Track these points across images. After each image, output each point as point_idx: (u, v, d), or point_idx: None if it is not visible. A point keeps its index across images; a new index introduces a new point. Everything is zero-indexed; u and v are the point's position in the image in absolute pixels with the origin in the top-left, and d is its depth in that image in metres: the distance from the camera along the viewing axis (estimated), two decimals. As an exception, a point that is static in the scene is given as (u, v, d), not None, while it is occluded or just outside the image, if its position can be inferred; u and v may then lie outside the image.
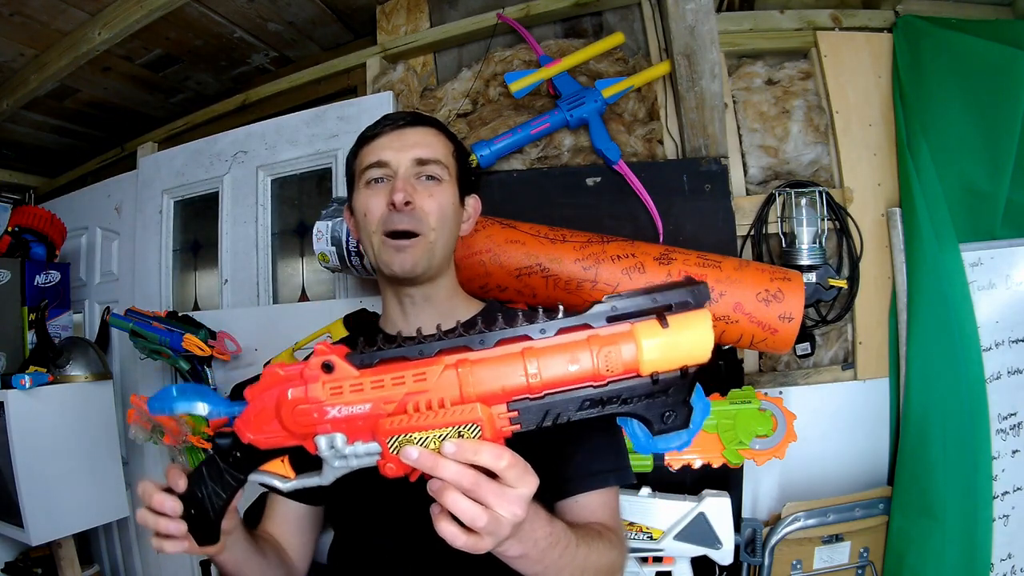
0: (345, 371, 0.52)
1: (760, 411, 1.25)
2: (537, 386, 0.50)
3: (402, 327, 0.89)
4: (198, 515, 0.59)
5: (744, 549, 1.35)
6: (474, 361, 0.51)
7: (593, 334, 0.51)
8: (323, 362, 0.52)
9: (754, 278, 1.23)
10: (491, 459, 0.51)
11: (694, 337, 0.49)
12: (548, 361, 0.50)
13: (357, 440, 0.52)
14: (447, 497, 0.51)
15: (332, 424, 0.52)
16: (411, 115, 0.88)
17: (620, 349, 0.49)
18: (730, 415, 1.25)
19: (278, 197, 1.93)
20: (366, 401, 0.51)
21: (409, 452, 0.51)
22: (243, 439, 0.55)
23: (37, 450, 1.69)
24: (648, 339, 0.49)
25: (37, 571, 1.89)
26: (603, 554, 0.71)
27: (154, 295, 2.05)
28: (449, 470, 0.51)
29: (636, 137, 1.57)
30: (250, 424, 0.55)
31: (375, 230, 0.83)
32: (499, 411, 0.51)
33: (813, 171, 1.58)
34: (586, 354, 0.50)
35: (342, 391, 0.52)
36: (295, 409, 0.52)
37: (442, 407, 0.51)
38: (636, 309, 0.51)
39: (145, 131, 2.36)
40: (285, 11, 1.83)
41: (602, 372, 0.50)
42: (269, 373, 0.54)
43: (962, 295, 1.39)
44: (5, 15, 1.69)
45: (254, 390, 0.54)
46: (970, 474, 1.33)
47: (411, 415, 0.51)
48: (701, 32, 1.38)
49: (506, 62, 1.65)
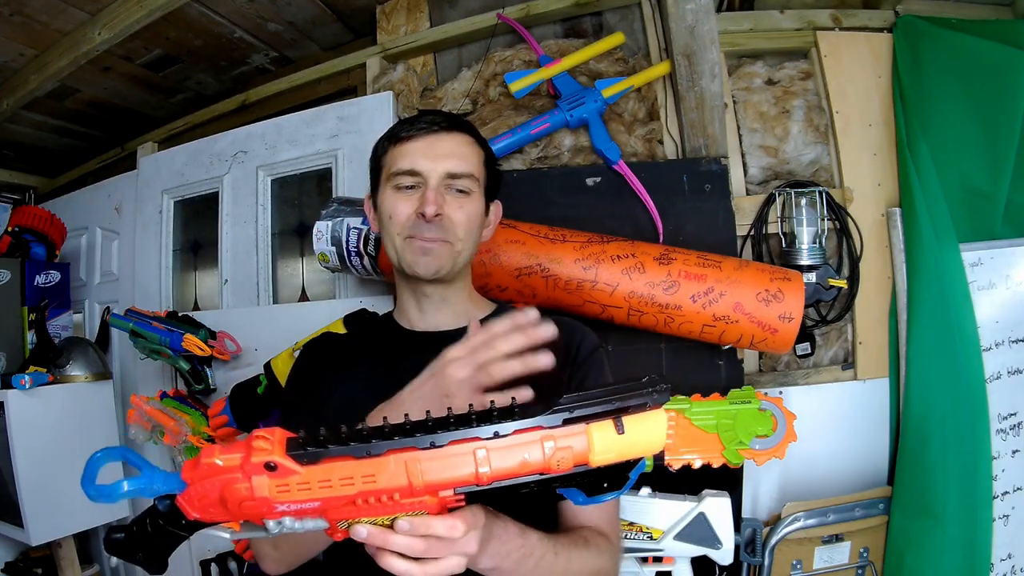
0: (289, 470, 0.50)
1: (760, 411, 1.25)
2: (486, 478, 0.51)
3: (418, 323, 0.90)
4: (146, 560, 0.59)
5: (744, 549, 1.35)
6: (424, 458, 0.51)
7: (547, 435, 0.51)
8: (265, 463, 0.50)
9: (754, 278, 1.23)
10: (446, 531, 0.53)
11: (647, 437, 0.50)
12: (499, 459, 0.51)
13: (306, 517, 0.53)
14: (384, 561, 0.53)
15: (281, 514, 0.52)
16: (447, 118, 0.86)
17: (572, 448, 0.50)
18: (730, 415, 1.25)
19: (278, 197, 1.93)
20: (315, 500, 0.51)
21: (359, 531, 0.52)
22: (188, 516, 0.54)
23: (37, 450, 1.69)
24: (601, 443, 0.50)
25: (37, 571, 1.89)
26: (588, 561, 0.72)
27: (154, 295, 2.05)
28: (399, 543, 0.52)
29: (636, 137, 1.57)
30: (194, 505, 0.53)
31: (400, 232, 0.84)
32: (445, 495, 0.52)
33: (813, 171, 1.58)
34: (537, 453, 0.51)
35: (289, 489, 0.51)
36: (242, 504, 0.51)
37: (391, 500, 0.51)
38: (593, 412, 0.51)
39: (145, 131, 2.36)
40: (285, 11, 1.83)
41: (552, 467, 0.51)
42: (206, 464, 0.51)
43: (962, 295, 1.39)
44: (5, 15, 1.69)
45: (193, 475, 0.52)
46: (970, 474, 1.33)
47: (360, 507, 0.51)
48: (701, 32, 1.38)
49: (506, 62, 1.65)
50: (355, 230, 1.39)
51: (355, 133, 1.74)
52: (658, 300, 1.23)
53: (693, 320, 1.24)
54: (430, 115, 0.87)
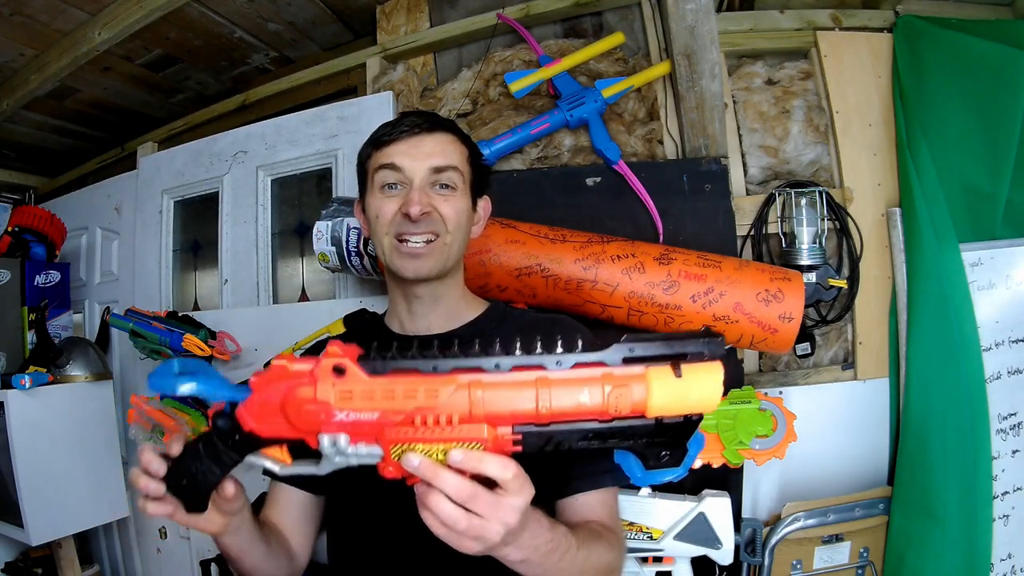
0: (356, 377, 0.51)
1: (760, 411, 1.25)
2: (545, 415, 0.51)
3: (408, 326, 0.90)
4: (189, 486, 0.59)
5: (744, 549, 1.35)
6: (487, 384, 0.51)
7: (607, 372, 0.51)
8: (335, 365, 0.51)
9: (754, 278, 1.23)
10: (498, 470, 0.52)
11: (704, 389, 0.50)
12: (560, 392, 0.50)
13: (360, 441, 0.52)
14: (431, 501, 0.52)
15: (338, 426, 0.52)
16: (428, 120, 0.87)
17: (631, 391, 0.50)
18: (730, 415, 1.25)
19: (278, 197, 1.93)
20: (375, 410, 0.51)
21: (411, 459, 0.51)
22: (244, 427, 0.55)
23: (37, 450, 1.69)
24: (660, 386, 0.50)
25: (37, 571, 1.89)
26: (602, 555, 0.72)
27: (154, 295, 2.05)
28: (449, 482, 0.51)
29: (636, 137, 1.57)
30: (253, 413, 0.54)
31: (387, 232, 0.84)
32: (503, 432, 0.52)
33: (813, 171, 1.58)
34: (598, 390, 0.50)
35: (352, 397, 0.51)
36: (302, 408, 0.52)
37: (450, 424, 0.51)
38: (652, 354, 0.51)
39: (145, 131, 2.36)
40: (285, 11, 1.83)
41: (610, 410, 0.50)
42: (278, 368, 0.54)
43: (962, 295, 1.39)
44: (5, 15, 1.69)
45: (261, 380, 0.54)
46: (970, 474, 1.33)
47: (418, 428, 0.51)
48: (701, 32, 1.38)
49: (506, 62, 1.65)
50: (355, 230, 1.39)
51: (355, 133, 1.74)
52: (658, 300, 1.23)
53: (693, 320, 1.24)
54: (411, 116, 0.87)
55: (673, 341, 0.51)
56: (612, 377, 0.50)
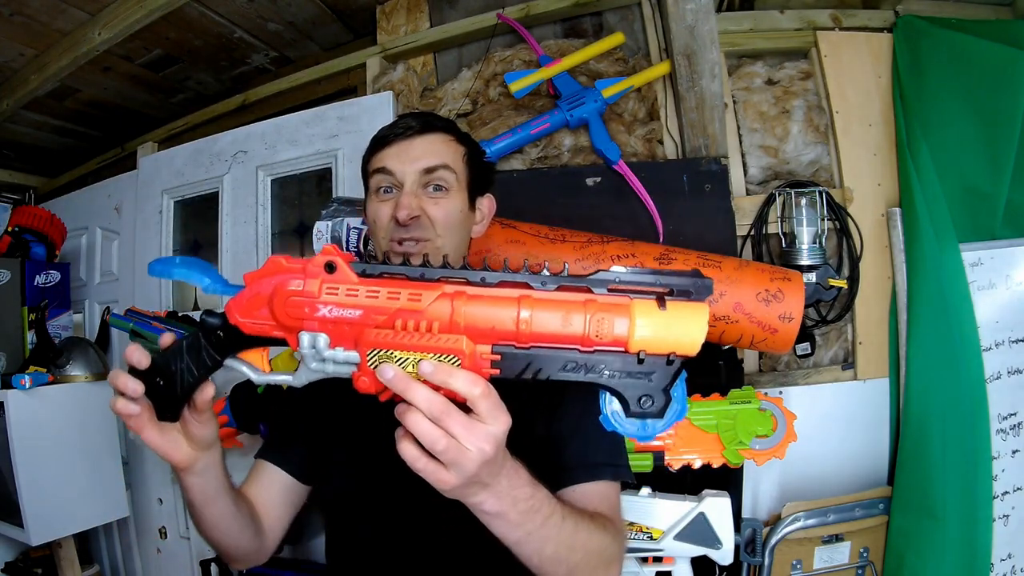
0: (346, 275, 0.53)
1: (760, 411, 1.25)
2: (525, 335, 0.50)
3: None
4: (165, 388, 0.58)
5: (744, 549, 1.35)
6: (470, 296, 0.51)
7: (591, 298, 0.51)
8: (327, 262, 0.53)
9: (754, 278, 1.23)
10: (465, 384, 0.50)
11: (687, 326, 0.49)
12: (542, 313, 0.50)
13: (339, 346, 0.53)
14: (409, 418, 0.51)
15: (320, 323, 0.53)
16: (422, 121, 0.87)
17: (614, 320, 0.49)
18: (730, 415, 1.25)
19: (278, 197, 1.93)
20: (358, 307, 0.52)
21: (385, 370, 0.51)
22: (231, 320, 0.55)
23: (37, 450, 1.69)
24: (643, 317, 0.49)
25: (37, 571, 1.89)
26: (594, 536, 0.68)
27: (154, 295, 2.05)
28: (420, 394, 0.50)
29: (636, 137, 1.57)
30: (241, 306, 0.55)
31: (384, 236, 0.85)
32: (482, 350, 0.51)
33: (813, 171, 1.58)
34: (580, 316, 0.50)
35: (337, 292, 0.52)
36: (288, 299, 0.53)
37: (429, 331, 0.51)
38: (638, 285, 0.51)
39: (145, 131, 2.36)
40: (285, 11, 1.83)
41: (591, 338, 0.50)
42: (272, 261, 0.54)
43: (962, 295, 1.39)
44: (5, 15, 1.69)
45: (254, 275, 0.55)
46: (970, 474, 1.33)
47: (397, 331, 0.51)
48: (701, 32, 1.38)
49: (506, 62, 1.65)
50: (355, 230, 1.39)
51: (355, 133, 1.74)
52: (658, 300, 1.23)
53: (693, 320, 1.24)
54: (406, 119, 0.88)
55: (661, 275, 0.51)
56: (596, 303, 0.50)
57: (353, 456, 0.83)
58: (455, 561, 0.78)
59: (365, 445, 0.79)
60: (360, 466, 0.82)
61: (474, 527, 0.59)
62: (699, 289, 0.50)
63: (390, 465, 0.58)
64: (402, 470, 0.54)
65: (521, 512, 0.59)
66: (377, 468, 0.78)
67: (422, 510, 0.76)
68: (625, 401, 0.51)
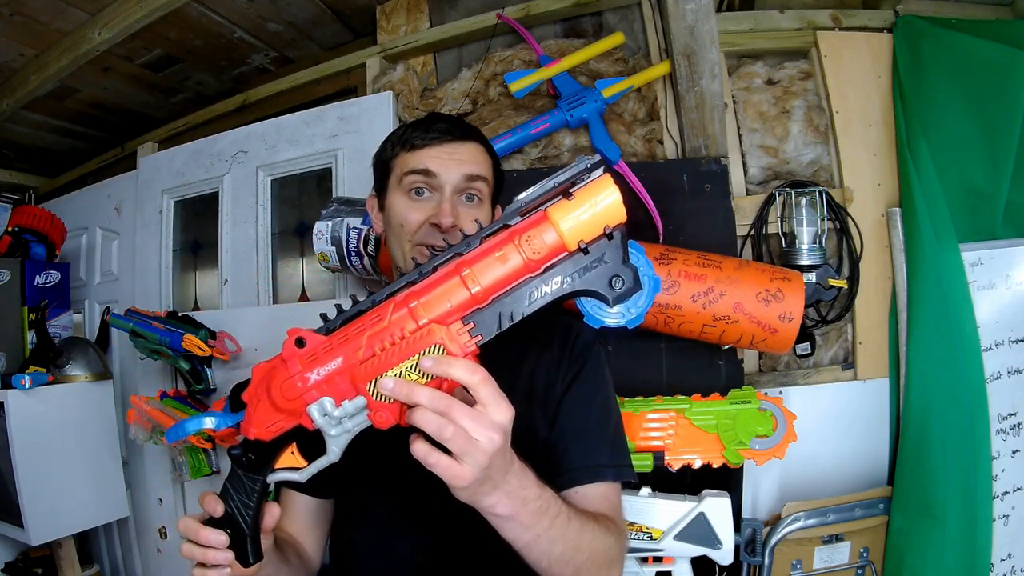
0: (315, 339, 0.57)
1: (760, 411, 1.25)
2: (481, 294, 0.54)
3: None
4: (235, 534, 0.60)
5: (744, 549, 1.35)
6: (419, 291, 0.55)
7: (512, 230, 0.55)
8: (296, 339, 0.57)
9: (754, 278, 1.23)
10: (465, 372, 0.53)
11: (600, 198, 0.53)
12: (482, 267, 0.54)
13: (344, 400, 0.56)
14: (416, 415, 0.53)
15: (316, 389, 0.56)
16: (462, 127, 0.86)
17: (540, 234, 0.53)
18: (730, 415, 1.25)
19: (278, 197, 1.93)
20: (336, 355, 0.56)
21: (385, 384, 0.54)
22: (250, 436, 0.59)
23: (37, 450, 1.69)
24: (560, 214, 0.53)
25: (37, 571, 1.90)
26: (598, 536, 0.68)
27: (154, 295, 2.05)
28: (423, 394, 0.53)
29: (636, 137, 1.57)
30: (252, 421, 0.59)
31: (410, 239, 0.83)
32: (456, 328, 0.54)
33: (813, 171, 1.58)
34: (512, 249, 0.53)
35: (316, 356, 0.56)
36: (282, 385, 0.56)
37: (403, 338, 0.54)
38: (542, 195, 0.55)
39: (145, 131, 2.36)
40: (285, 11, 1.83)
41: (532, 258, 0.53)
42: (255, 371, 0.60)
43: (962, 295, 1.39)
44: (5, 15, 1.69)
45: (248, 392, 0.59)
46: (970, 474, 1.33)
47: (378, 355, 0.54)
48: (701, 32, 1.38)
49: (506, 62, 1.65)
50: (355, 230, 1.39)
51: (355, 133, 1.74)
52: (658, 300, 1.23)
53: (693, 320, 1.24)
54: (443, 122, 0.85)
55: (555, 176, 0.54)
56: (518, 231, 0.54)
57: (360, 461, 0.83)
58: (457, 562, 0.78)
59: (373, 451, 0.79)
60: (367, 470, 0.82)
61: (481, 531, 0.60)
62: (593, 167, 0.54)
63: (398, 469, 0.59)
64: (411, 474, 0.55)
65: (531, 513, 0.60)
66: (385, 472, 0.78)
67: (426, 512, 0.76)
68: (599, 294, 0.54)
